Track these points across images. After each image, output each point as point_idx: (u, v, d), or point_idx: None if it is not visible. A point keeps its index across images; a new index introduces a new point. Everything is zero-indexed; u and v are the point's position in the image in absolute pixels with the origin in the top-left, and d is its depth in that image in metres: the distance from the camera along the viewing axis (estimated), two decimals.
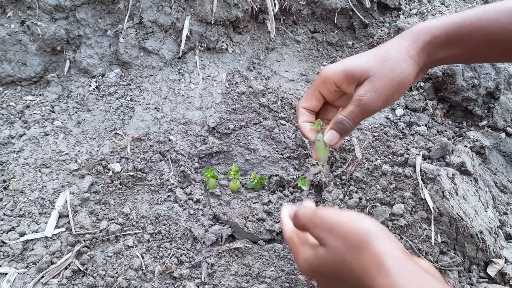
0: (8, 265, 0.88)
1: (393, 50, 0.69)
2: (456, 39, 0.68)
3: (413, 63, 0.69)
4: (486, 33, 0.66)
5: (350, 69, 0.70)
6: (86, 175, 1.04)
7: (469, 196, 1.07)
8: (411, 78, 0.69)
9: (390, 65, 0.68)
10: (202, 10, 1.35)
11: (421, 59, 0.70)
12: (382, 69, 0.67)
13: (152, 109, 1.23)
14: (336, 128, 0.72)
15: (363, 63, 0.69)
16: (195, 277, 0.93)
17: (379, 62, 0.68)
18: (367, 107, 0.68)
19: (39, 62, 1.25)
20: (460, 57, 0.72)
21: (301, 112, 0.77)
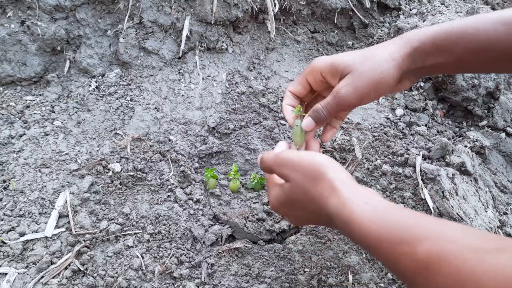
0: (8, 265, 0.88)
1: (379, 51, 0.71)
2: (443, 46, 0.68)
3: (395, 66, 0.69)
4: (473, 41, 0.66)
5: (336, 62, 0.73)
6: (86, 175, 1.04)
7: (469, 196, 1.07)
8: (390, 80, 0.70)
9: (371, 63, 0.69)
10: (202, 10, 1.35)
11: (405, 64, 0.70)
12: (362, 66, 0.69)
13: (152, 109, 1.23)
14: (313, 115, 0.76)
15: (348, 58, 0.72)
16: (195, 277, 0.93)
17: (362, 60, 0.70)
18: (342, 100, 0.71)
19: (39, 62, 1.25)
20: (448, 65, 0.72)
21: (287, 95, 0.81)
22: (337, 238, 1.03)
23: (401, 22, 1.54)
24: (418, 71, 0.73)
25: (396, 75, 0.70)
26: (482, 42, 0.66)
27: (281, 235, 1.03)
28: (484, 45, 0.66)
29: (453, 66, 0.73)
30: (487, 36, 0.65)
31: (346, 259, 1.01)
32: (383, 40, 1.55)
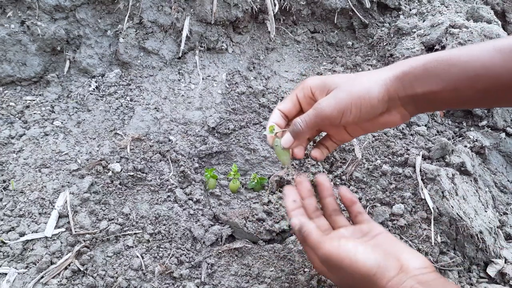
0: (8, 265, 0.88)
1: (369, 73, 0.70)
2: (435, 73, 0.65)
3: (380, 85, 0.67)
4: (467, 68, 0.63)
5: (326, 80, 0.72)
6: (86, 175, 1.04)
7: (469, 196, 1.07)
8: (374, 98, 0.67)
9: (357, 81, 0.69)
10: (202, 10, 1.35)
11: (393, 87, 0.67)
12: (348, 82, 0.69)
13: (152, 109, 1.23)
14: (290, 129, 0.74)
15: (338, 78, 0.71)
16: (195, 277, 0.93)
17: (350, 79, 0.70)
18: (322, 112, 0.69)
19: (39, 62, 1.25)
20: (443, 94, 0.66)
21: (275, 113, 0.79)
22: None
23: (401, 22, 1.54)
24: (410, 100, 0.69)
25: (381, 95, 0.67)
26: (476, 69, 0.62)
27: (281, 235, 1.03)
28: (479, 72, 0.62)
29: (449, 96, 0.67)
30: (481, 63, 0.62)
31: None
32: (383, 40, 1.55)
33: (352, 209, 0.80)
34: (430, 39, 1.41)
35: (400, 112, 0.71)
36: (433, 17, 1.55)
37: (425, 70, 0.66)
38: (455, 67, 0.64)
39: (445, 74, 0.64)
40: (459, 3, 1.69)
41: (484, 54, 0.62)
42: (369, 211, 1.04)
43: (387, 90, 0.68)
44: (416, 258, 0.66)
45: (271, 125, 0.76)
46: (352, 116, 0.69)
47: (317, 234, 0.68)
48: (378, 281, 0.61)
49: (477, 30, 1.33)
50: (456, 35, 1.34)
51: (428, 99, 0.68)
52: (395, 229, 1.00)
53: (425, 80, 0.66)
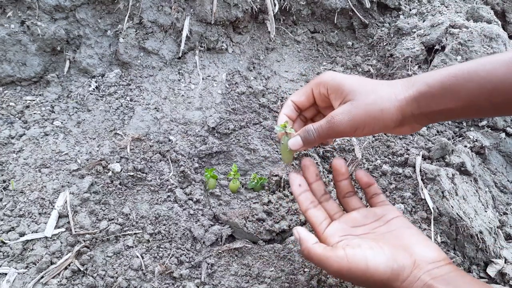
0: (8, 265, 0.88)
1: (385, 87, 0.68)
2: (452, 90, 0.64)
3: (397, 107, 0.67)
4: (484, 84, 0.62)
5: (342, 83, 0.70)
6: (86, 175, 1.04)
7: (469, 196, 1.07)
8: (388, 120, 0.67)
9: (374, 98, 0.67)
10: (202, 10, 1.35)
11: (409, 107, 0.67)
12: (365, 98, 0.67)
13: (152, 109, 1.23)
14: (302, 135, 0.73)
15: (355, 84, 0.69)
16: (195, 277, 0.93)
17: (367, 91, 0.68)
18: (335, 127, 0.68)
19: (39, 62, 1.25)
20: (459, 111, 0.66)
21: (287, 104, 0.78)
22: None
23: (401, 22, 1.54)
24: (424, 117, 0.69)
25: (396, 117, 0.67)
26: (494, 83, 0.61)
27: (281, 235, 1.03)
28: (496, 86, 0.61)
29: (465, 111, 0.67)
30: (498, 77, 0.61)
31: None
32: (383, 40, 1.55)
33: (369, 190, 0.78)
34: (430, 39, 1.41)
35: (412, 126, 0.72)
36: (433, 17, 1.55)
37: (443, 89, 0.65)
38: (472, 82, 0.63)
39: (463, 91, 0.64)
40: (459, 3, 1.69)
41: (501, 67, 0.61)
42: None
43: (402, 111, 0.67)
44: (429, 250, 0.65)
45: (284, 122, 0.75)
46: (364, 133, 0.69)
47: (321, 250, 0.65)
48: (393, 283, 0.61)
49: (477, 30, 1.33)
50: (456, 35, 1.34)
51: (443, 114, 0.68)
52: None
53: (442, 98, 0.65)
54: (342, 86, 0.70)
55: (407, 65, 1.40)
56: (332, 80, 0.71)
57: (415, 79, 0.68)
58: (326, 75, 0.73)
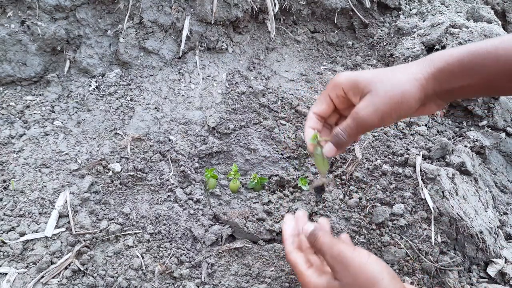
0: (8, 265, 0.88)
1: (401, 71, 0.67)
2: (471, 68, 0.64)
3: (417, 87, 0.66)
4: (503, 62, 0.62)
5: (357, 78, 0.69)
6: (86, 175, 1.04)
7: (469, 196, 1.07)
8: (411, 101, 0.66)
9: (392, 83, 0.66)
10: (202, 10, 1.35)
11: (430, 85, 0.66)
12: (384, 86, 0.66)
13: (152, 109, 1.23)
14: (333, 140, 0.72)
15: (370, 76, 0.68)
16: (195, 277, 0.93)
17: (383, 78, 0.67)
18: (363, 122, 0.67)
19: (39, 62, 1.25)
20: (478, 88, 0.66)
21: (310, 116, 0.77)
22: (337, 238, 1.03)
23: (401, 22, 1.54)
24: (446, 94, 0.68)
25: (418, 96, 0.66)
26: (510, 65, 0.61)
27: (281, 235, 1.03)
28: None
29: (485, 89, 0.67)
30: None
31: None
32: (383, 40, 1.55)
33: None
34: (430, 39, 1.41)
35: (436, 103, 0.71)
36: (433, 17, 1.55)
37: (461, 66, 0.64)
38: (491, 61, 0.63)
39: (482, 69, 0.64)
40: (459, 3, 1.69)
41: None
42: (369, 211, 1.04)
43: (424, 90, 0.66)
44: None
45: (314, 133, 0.75)
46: (392, 120, 0.68)
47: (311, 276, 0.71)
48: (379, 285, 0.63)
49: (477, 30, 1.33)
50: (456, 35, 1.34)
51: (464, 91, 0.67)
52: (395, 229, 1.00)
53: (462, 75, 0.65)
54: (357, 82, 0.69)
55: None
56: (345, 80, 0.71)
57: (432, 57, 0.67)
58: (339, 77, 0.72)
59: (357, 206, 1.05)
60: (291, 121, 1.25)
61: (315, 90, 1.41)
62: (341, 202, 1.06)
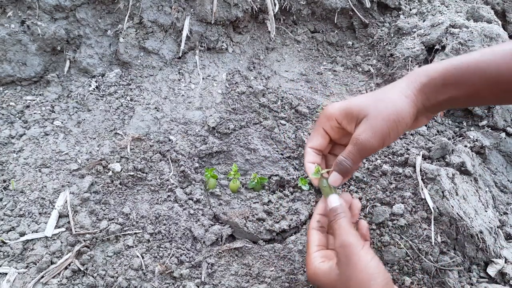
0: (8, 265, 0.88)
1: (390, 91, 0.70)
2: (455, 82, 0.67)
3: (409, 103, 0.68)
4: (486, 74, 0.65)
5: (349, 106, 0.71)
6: (86, 175, 1.04)
7: (469, 196, 1.07)
8: (407, 118, 0.68)
9: (385, 104, 0.68)
10: (202, 10, 1.35)
11: (419, 100, 0.69)
12: (377, 108, 0.68)
13: (152, 109, 1.23)
14: (337, 169, 0.73)
15: (361, 101, 0.70)
16: (195, 277, 0.93)
17: (375, 101, 0.69)
18: (364, 146, 0.68)
19: (39, 62, 1.25)
20: (463, 99, 0.69)
21: (307, 152, 0.79)
22: None
23: (401, 22, 1.54)
24: (434, 107, 0.71)
25: (412, 112, 0.69)
26: (494, 75, 0.64)
27: (281, 235, 1.03)
28: (497, 78, 0.64)
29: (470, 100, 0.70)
30: (497, 69, 0.64)
31: None
32: (383, 40, 1.55)
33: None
34: (430, 39, 1.41)
35: (426, 116, 0.74)
36: (433, 17, 1.55)
37: (445, 80, 0.67)
38: (473, 74, 0.66)
39: (465, 82, 0.66)
40: (459, 2, 1.69)
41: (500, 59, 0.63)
42: (369, 210, 1.04)
43: (415, 105, 0.69)
44: None
45: (316, 167, 0.76)
46: (392, 140, 0.70)
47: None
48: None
49: (477, 29, 1.33)
50: (456, 35, 1.34)
51: (451, 103, 0.70)
52: (395, 228, 1.00)
53: (447, 89, 0.67)
54: (350, 110, 0.71)
55: (407, 65, 1.40)
56: (338, 110, 0.73)
57: (417, 73, 0.69)
58: (330, 109, 0.74)
59: None
60: (291, 121, 1.25)
61: (315, 90, 1.42)
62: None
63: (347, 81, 1.48)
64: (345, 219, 0.71)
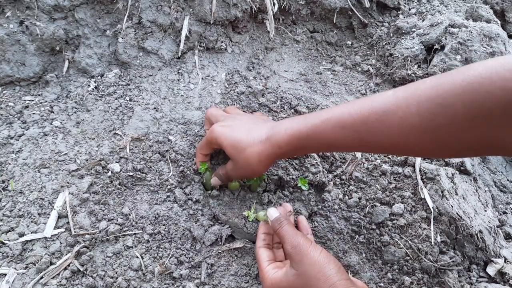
0: (7, 265, 0.88)
1: (250, 149, 0.87)
2: (300, 148, 0.83)
3: (262, 166, 0.88)
4: (319, 142, 0.80)
5: (223, 145, 0.94)
6: (85, 175, 1.04)
7: (468, 196, 1.07)
8: (259, 172, 0.90)
9: (244, 161, 0.88)
10: (201, 10, 1.35)
11: (270, 161, 0.87)
12: (239, 160, 0.89)
13: (151, 109, 1.23)
14: (217, 176, 1.01)
15: (231, 149, 0.91)
16: (195, 277, 0.93)
17: (238, 152, 0.88)
18: (230, 176, 0.97)
19: (38, 62, 1.25)
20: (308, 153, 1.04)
21: (199, 156, 1.08)
22: (337, 238, 1.03)
23: (400, 22, 1.54)
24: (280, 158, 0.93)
25: (263, 170, 0.90)
26: (326, 143, 0.79)
27: None
28: (327, 145, 0.80)
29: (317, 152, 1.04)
30: (327, 139, 0.78)
31: (346, 258, 1.01)
32: (382, 39, 1.55)
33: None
34: (430, 39, 1.41)
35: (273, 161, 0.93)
36: (433, 16, 1.55)
37: (292, 147, 0.84)
38: (312, 141, 0.81)
39: (307, 148, 0.84)
40: (458, 2, 1.69)
41: (329, 130, 0.77)
42: (369, 210, 1.04)
43: (266, 166, 0.90)
44: None
45: (202, 164, 1.08)
46: (251, 176, 1.04)
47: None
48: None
49: (477, 29, 1.33)
50: (456, 35, 1.34)
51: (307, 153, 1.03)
52: (395, 228, 1.00)
53: (295, 153, 0.89)
54: (224, 148, 0.92)
55: (406, 65, 1.40)
56: (224, 142, 0.93)
57: (274, 140, 0.85)
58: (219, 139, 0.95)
59: (357, 206, 1.05)
60: None
61: (314, 90, 1.41)
62: (340, 202, 1.06)
63: (347, 81, 1.48)
64: (289, 225, 0.84)
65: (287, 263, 0.82)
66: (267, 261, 0.86)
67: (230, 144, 0.90)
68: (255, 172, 0.90)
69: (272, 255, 0.89)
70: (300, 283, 0.76)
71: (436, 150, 0.70)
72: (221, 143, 0.92)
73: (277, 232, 0.85)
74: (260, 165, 0.88)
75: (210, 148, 1.03)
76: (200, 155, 1.06)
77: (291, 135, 0.82)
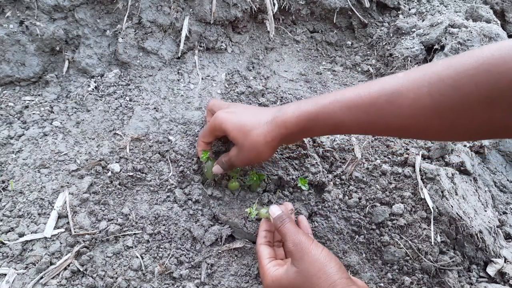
0: (7, 265, 0.88)
1: (256, 131, 0.85)
2: (308, 129, 0.81)
3: (269, 148, 0.86)
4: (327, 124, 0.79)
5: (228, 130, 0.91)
6: (85, 175, 1.04)
7: (468, 196, 1.07)
8: (265, 157, 0.88)
9: (250, 143, 0.86)
10: (201, 10, 1.35)
11: (277, 144, 0.86)
12: (245, 143, 0.87)
13: (151, 109, 1.23)
14: (220, 164, 0.99)
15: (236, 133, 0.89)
16: (195, 277, 0.93)
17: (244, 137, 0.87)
18: (233, 164, 0.94)
19: (38, 62, 1.25)
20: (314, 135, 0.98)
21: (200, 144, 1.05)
22: (337, 238, 1.03)
23: (400, 22, 1.54)
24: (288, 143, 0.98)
25: (269, 154, 0.88)
26: (333, 124, 0.78)
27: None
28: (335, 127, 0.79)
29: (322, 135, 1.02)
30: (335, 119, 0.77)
31: (346, 258, 1.01)
32: (382, 39, 1.55)
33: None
34: (430, 39, 1.41)
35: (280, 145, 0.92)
36: (433, 16, 1.55)
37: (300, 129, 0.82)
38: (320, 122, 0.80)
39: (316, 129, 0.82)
40: (458, 2, 1.69)
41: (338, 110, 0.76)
42: (369, 210, 1.04)
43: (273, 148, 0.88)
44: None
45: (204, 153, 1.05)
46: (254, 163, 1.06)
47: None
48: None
49: (477, 29, 1.33)
50: (456, 35, 1.34)
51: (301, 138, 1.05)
52: (395, 228, 1.00)
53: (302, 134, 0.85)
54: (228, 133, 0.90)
55: (406, 65, 1.40)
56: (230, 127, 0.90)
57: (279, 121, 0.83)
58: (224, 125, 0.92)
59: (357, 206, 1.05)
60: None
61: (314, 90, 1.41)
62: (340, 202, 1.06)
63: (346, 81, 1.48)
64: (291, 222, 0.84)
65: (288, 261, 0.81)
66: (268, 258, 0.85)
67: (235, 127, 0.88)
68: (261, 156, 0.87)
69: (273, 252, 0.88)
70: (301, 280, 0.75)
71: (445, 132, 0.68)
72: (226, 128, 0.89)
73: (279, 229, 0.84)
74: (267, 146, 0.85)
75: (213, 136, 0.99)
76: (202, 143, 1.03)
77: (298, 116, 0.80)
